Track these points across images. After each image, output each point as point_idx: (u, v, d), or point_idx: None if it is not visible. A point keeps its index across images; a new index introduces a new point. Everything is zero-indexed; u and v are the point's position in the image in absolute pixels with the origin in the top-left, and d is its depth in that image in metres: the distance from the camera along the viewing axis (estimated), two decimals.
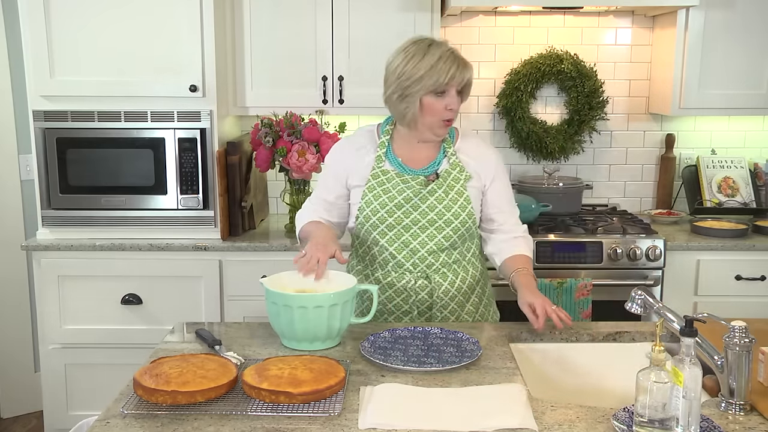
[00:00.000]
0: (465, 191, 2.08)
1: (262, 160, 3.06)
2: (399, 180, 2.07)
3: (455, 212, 2.06)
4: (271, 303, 1.80)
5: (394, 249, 2.06)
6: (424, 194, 2.05)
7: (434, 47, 2.01)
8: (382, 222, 2.06)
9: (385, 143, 2.11)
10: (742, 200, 3.41)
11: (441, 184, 2.07)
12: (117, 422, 1.44)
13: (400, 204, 2.05)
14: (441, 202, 2.06)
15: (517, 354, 1.83)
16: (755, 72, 3.21)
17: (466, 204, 2.07)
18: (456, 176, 2.08)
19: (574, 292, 2.90)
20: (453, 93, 2.01)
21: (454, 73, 1.98)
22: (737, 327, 1.48)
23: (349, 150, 2.16)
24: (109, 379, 2.84)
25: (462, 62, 2.01)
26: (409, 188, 2.06)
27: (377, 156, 2.10)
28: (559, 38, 3.49)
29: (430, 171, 2.09)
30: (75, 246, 2.94)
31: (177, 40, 2.89)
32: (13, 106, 3.46)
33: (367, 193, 2.08)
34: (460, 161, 2.11)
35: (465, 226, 2.08)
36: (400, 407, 1.48)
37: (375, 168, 2.10)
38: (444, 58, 1.99)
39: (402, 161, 2.10)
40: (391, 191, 2.06)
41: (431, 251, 2.06)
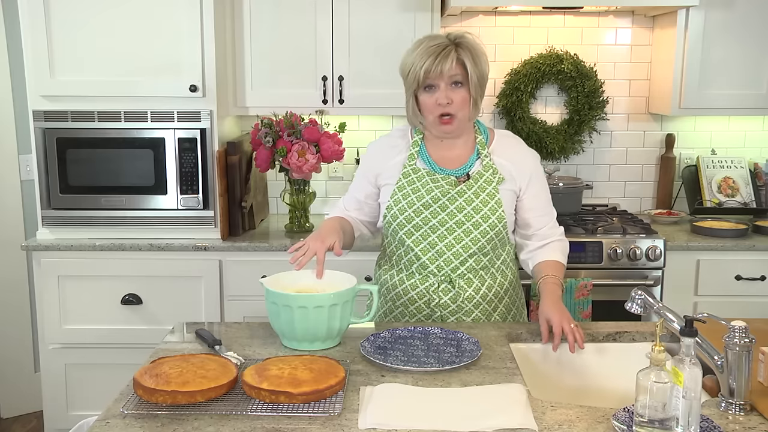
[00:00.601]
0: (497, 194, 2.02)
1: (262, 160, 3.06)
2: (429, 179, 2.03)
3: (484, 215, 2.00)
4: (271, 303, 1.80)
5: (420, 250, 2.03)
6: (453, 195, 2.01)
7: (425, 41, 1.96)
8: (408, 221, 2.03)
9: (419, 142, 2.09)
10: (742, 200, 3.41)
11: (471, 185, 2.02)
12: (117, 422, 1.44)
13: (427, 204, 2.01)
14: (470, 203, 2.01)
15: (517, 354, 1.83)
16: (755, 72, 3.21)
17: (497, 207, 2.01)
18: (488, 178, 2.03)
19: (574, 292, 2.90)
20: (442, 86, 1.94)
21: (429, 66, 1.91)
22: (737, 327, 1.48)
23: (381, 149, 2.14)
24: (109, 379, 2.84)
25: (443, 53, 1.91)
26: (438, 188, 2.01)
27: (410, 154, 2.07)
28: (559, 38, 3.49)
29: (461, 172, 2.05)
30: (75, 246, 2.94)
31: (177, 40, 2.89)
32: (13, 106, 3.46)
33: (397, 192, 2.05)
34: (494, 163, 2.05)
35: (494, 229, 2.02)
36: (400, 407, 1.48)
37: (407, 166, 2.06)
38: (422, 51, 1.93)
39: (435, 160, 2.06)
40: (420, 190, 2.02)
41: (458, 254, 2.02)
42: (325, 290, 1.83)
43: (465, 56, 1.94)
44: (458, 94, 1.96)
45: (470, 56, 1.94)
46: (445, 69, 1.92)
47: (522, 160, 2.09)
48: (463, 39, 1.96)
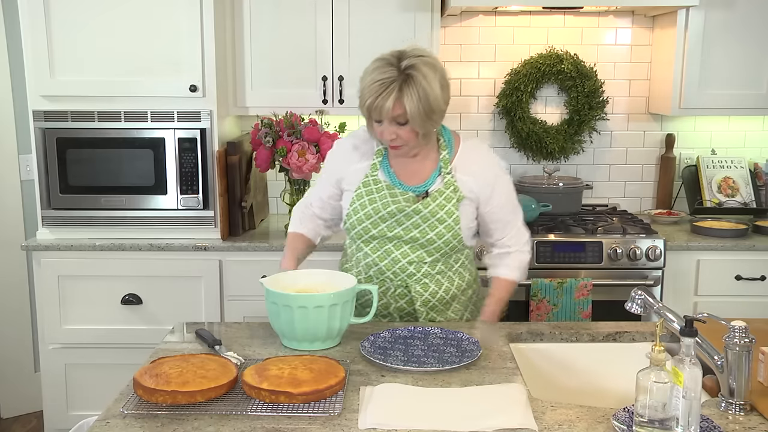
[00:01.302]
0: (455, 211, 2.01)
1: (262, 160, 3.06)
2: (388, 192, 2.02)
3: (439, 232, 2.00)
4: (271, 303, 1.80)
5: (377, 257, 2.05)
6: (409, 212, 2.00)
7: (375, 71, 1.89)
8: (366, 232, 2.04)
9: (383, 152, 2.07)
10: (742, 200, 3.41)
11: (429, 203, 2.00)
12: (117, 422, 1.44)
13: (384, 217, 2.01)
14: (426, 221, 2.00)
15: (517, 354, 1.83)
16: (755, 72, 3.21)
17: (453, 225, 2.01)
18: (449, 195, 2.02)
19: (574, 292, 2.90)
20: (386, 123, 1.90)
21: (370, 104, 1.87)
22: (737, 327, 1.48)
23: (346, 151, 2.13)
24: (109, 379, 2.84)
25: (385, 93, 1.85)
26: (395, 203, 2.00)
27: (372, 164, 2.06)
28: (559, 38, 3.49)
29: (421, 189, 2.03)
30: (75, 246, 2.94)
31: (177, 40, 2.89)
32: (13, 106, 3.46)
33: (355, 201, 2.05)
34: (455, 180, 2.03)
35: (449, 245, 2.03)
36: (400, 407, 1.48)
37: (368, 176, 2.06)
38: (368, 83, 1.88)
39: (396, 173, 2.05)
40: (377, 203, 2.02)
41: (412, 262, 2.03)
42: (325, 290, 1.84)
43: (408, 95, 1.85)
44: (402, 130, 1.91)
45: (415, 94, 1.85)
46: (385, 110, 1.87)
47: (483, 173, 2.06)
48: (412, 70, 1.86)
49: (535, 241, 2.96)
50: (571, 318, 2.90)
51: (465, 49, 3.50)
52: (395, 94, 1.86)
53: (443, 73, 1.95)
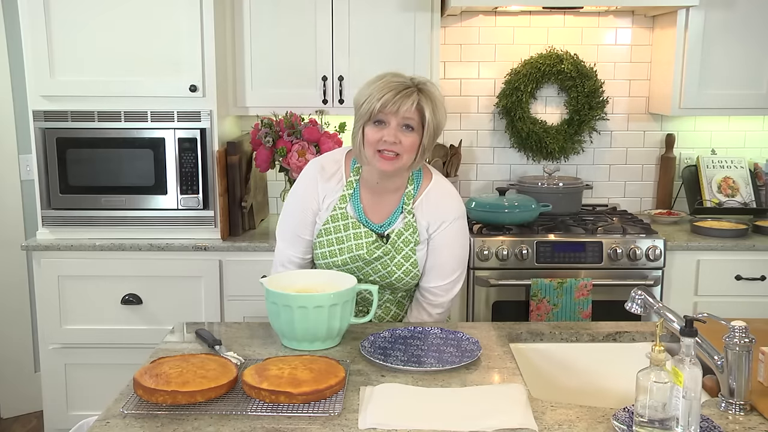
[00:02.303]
0: (413, 255, 2.02)
1: (262, 160, 3.06)
2: (353, 233, 2.01)
3: (398, 277, 2.04)
4: (271, 303, 1.80)
5: None
6: (369, 260, 2.02)
7: (387, 75, 1.90)
8: (329, 267, 2.05)
9: (353, 184, 2.04)
10: (742, 200, 3.41)
11: (389, 250, 2.01)
12: (117, 422, 1.44)
13: (345, 261, 2.03)
14: (385, 267, 2.03)
15: (517, 354, 1.83)
16: (755, 72, 3.21)
17: (411, 268, 2.04)
18: (407, 238, 2.01)
19: (574, 292, 2.90)
20: (393, 125, 1.89)
21: (387, 99, 1.85)
22: (737, 327, 1.48)
23: (319, 183, 2.06)
24: (109, 379, 2.84)
25: (405, 92, 1.85)
26: (359, 248, 2.01)
27: (342, 196, 2.03)
28: (559, 38, 3.49)
29: (383, 229, 2.03)
30: (75, 246, 2.94)
31: (177, 40, 2.89)
32: (13, 106, 3.46)
33: (323, 235, 2.04)
34: (415, 221, 2.01)
35: (407, 287, 2.09)
36: (400, 407, 1.48)
37: (336, 209, 2.03)
38: (383, 84, 1.88)
39: (364, 209, 2.04)
40: (344, 243, 2.02)
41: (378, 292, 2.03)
42: (325, 290, 1.84)
43: (426, 103, 1.88)
44: (408, 137, 1.90)
45: (431, 105, 1.89)
46: (403, 109, 1.86)
47: (439, 213, 2.02)
48: (425, 86, 1.91)
49: (535, 241, 2.96)
50: (571, 318, 2.91)
51: (465, 49, 3.50)
52: (415, 96, 1.87)
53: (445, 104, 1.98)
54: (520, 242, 2.95)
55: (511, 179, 3.58)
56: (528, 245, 2.95)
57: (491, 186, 3.56)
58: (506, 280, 2.94)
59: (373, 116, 1.90)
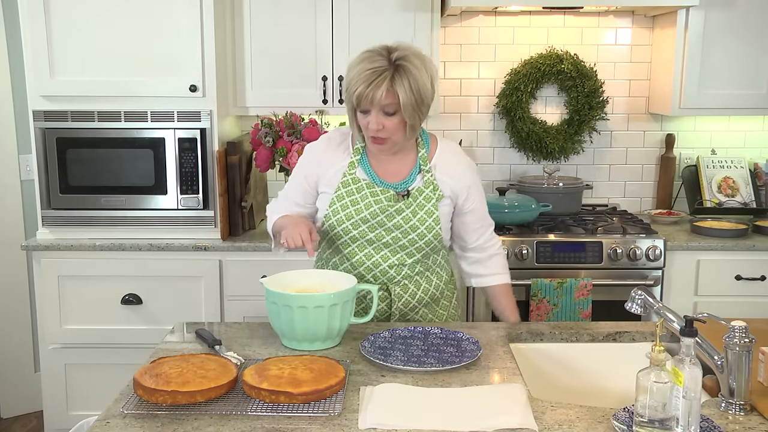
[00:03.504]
0: (435, 211, 2.01)
1: (262, 160, 3.06)
2: (368, 192, 2.00)
3: (421, 233, 2.00)
4: (271, 303, 1.80)
5: (356, 261, 2.03)
6: (391, 212, 1.99)
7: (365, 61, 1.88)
8: (346, 233, 2.01)
9: (360, 150, 2.04)
10: (742, 200, 3.41)
11: (410, 203, 1.99)
12: (117, 422, 1.44)
13: (365, 218, 1.99)
14: (408, 221, 1.99)
15: (517, 354, 1.83)
16: (755, 72, 3.21)
17: (434, 225, 2.00)
18: (428, 195, 2.01)
19: (574, 292, 2.90)
20: (374, 113, 1.88)
21: (360, 92, 1.85)
22: (737, 327, 1.48)
23: (322, 152, 2.08)
24: (109, 379, 2.84)
25: (376, 82, 1.84)
26: (377, 203, 1.99)
27: (350, 162, 2.03)
28: (559, 38, 3.49)
29: (402, 187, 2.02)
30: (75, 246, 2.94)
31: (177, 40, 2.89)
32: (13, 106, 3.46)
33: (335, 202, 2.02)
34: (435, 179, 2.02)
35: (430, 245, 2.03)
36: (400, 407, 1.48)
37: (347, 175, 2.02)
38: (357, 73, 1.87)
39: (376, 171, 2.03)
40: (359, 203, 2.00)
41: (392, 265, 2.02)
42: (325, 290, 1.84)
43: (399, 84, 1.85)
44: (390, 121, 1.90)
45: (407, 82, 1.85)
46: (376, 98, 1.86)
47: (460, 174, 2.06)
48: (403, 61, 1.87)
49: (535, 241, 2.96)
50: (571, 318, 2.91)
51: (465, 49, 3.50)
52: (387, 83, 1.85)
53: (432, 67, 1.95)
54: (520, 242, 2.95)
55: (511, 179, 3.58)
56: (528, 245, 2.95)
57: (491, 186, 3.56)
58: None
59: (355, 106, 1.92)
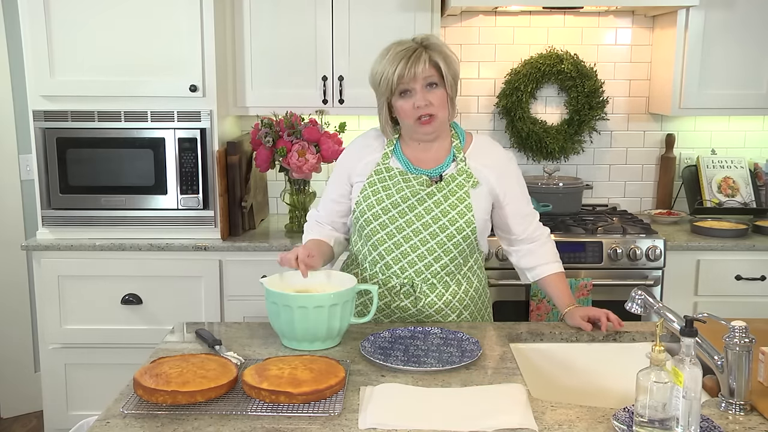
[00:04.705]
0: (467, 198, 1.99)
1: (262, 160, 3.06)
2: (401, 178, 2.01)
3: (452, 218, 1.97)
4: (271, 303, 1.80)
5: (384, 249, 2.01)
6: (423, 196, 1.98)
7: (392, 47, 1.94)
8: (375, 218, 2.00)
9: (394, 141, 2.07)
10: (742, 200, 3.41)
11: (442, 187, 1.99)
12: (117, 422, 1.44)
13: (396, 203, 1.99)
14: (439, 206, 1.98)
15: (517, 354, 1.83)
16: (755, 72, 3.21)
17: (466, 211, 1.98)
18: (461, 182, 2.00)
19: (574, 292, 2.89)
20: (418, 89, 1.92)
21: (401, 71, 1.89)
22: (737, 327, 1.48)
23: (356, 148, 2.13)
24: (109, 379, 2.84)
25: (414, 56, 1.89)
26: (409, 188, 1.99)
27: (384, 153, 2.06)
28: (559, 38, 3.49)
29: (436, 173, 2.03)
30: (75, 246, 2.94)
31: (177, 40, 2.89)
32: (13, 106, 3.46)
33: (367, 188, 2.03)
34: (469, 167, 2.03)
35: (461, 233, 1.98)
36: (400, 407, 1.48)
37: (380, 164, 2.05)
38: (391, 57, 1.92)
39: (410, 160, 2.05)
40: (391, 188, 2.00)
41: (422, 257, 1.99)
42: (325, 290, 1.84)
43: (437, 57, 1.93)
44: (435, 95, 1.94)
45: (442, 57, 1.94)
46: (419, 71, 1.90)
47: (499, 165, 2.06)
48: (429, 41, 1.95)
49: None
50: None
51: (465, 49, 3.50)
52: (425, 55, 1.91)
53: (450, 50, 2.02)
54: None
55: None
56: None
57: None
58: (506, 280, 2.94)
59: (395, 89, 1.93)
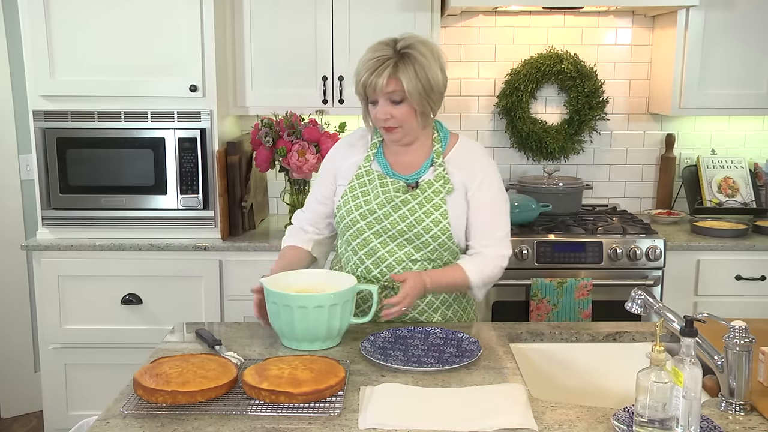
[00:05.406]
0: (443, 205, 1.97)
1: (262, 160, 3.06)
2: (379, 183, 2.01)
3: (426, 226, 1.96)
4: (271, 303, 1.80)
5: (363, 254, 2.01)
6: (397, 203, 1.97)
7: (370, 51, 1.92)
8: (354, 223, 2.00)
9: (377, 144, 2.07)
10: (742, 200, 3.41)
11: (417, 195, 1.98)
12: (117, 422, 1.44)
13: (373, 209, 1.99)
14: (413, 213, 1.96)
15: (517, 354, 1.83)
16: (755, 72, 3.21)
17: (441, 218, 1.96)
18: (437, 188, 1.98)
19: (574, 292, 2.90)
20: (381, 102, 1.91)
21: (365, 81, 1.89)
22: (737, 327, 1.48)
23: (341, 149, 2.14)
24: (109, 379, 2.84)
25: (379, 70, 1.87)
26: (385, 194, 1.99)
27: (366, 156, 2.06)
28: (559, 38, 3.49)
29: (413, 179, 2.02)
30: (75, 246, 2.94)
31: (177, 40, 2.89)
32: (13, 106, 3.46)
33: (347, 193, 2.03)
34: (447, 173, 2.01)
35: (437, 240, 1.97)
36: (400, 407, 1.48)
37: (361, 167, 2.05)
38: (363, 62, 1.91)
39: (390, 163, 2.04)
40: (369, 194, 2.00)
41: (400, 261, 1.98)
42: (325, 290, 1.84)
43: (403, 71, 1.87)
44: (398, 109, 1.92)
45: (412, 70, 1.87)
46: (379, 87, 1.88)
47: (474, 166, 2.02)
48: (408, 49, 1.89)
49: (535, 241, 2.96)
50: (571, 318, 2.91)
51: (465, 49, 3.50)
52: (390, 70, 1.88)
53: (441, 56, 1.96)
54: (520, 242, 2.95)
55: (511, 179, 3.58)
56: (528, 245, 2.95)
57: None
58: (506, 280, 2.93)
59: (363, 97, 1.95)
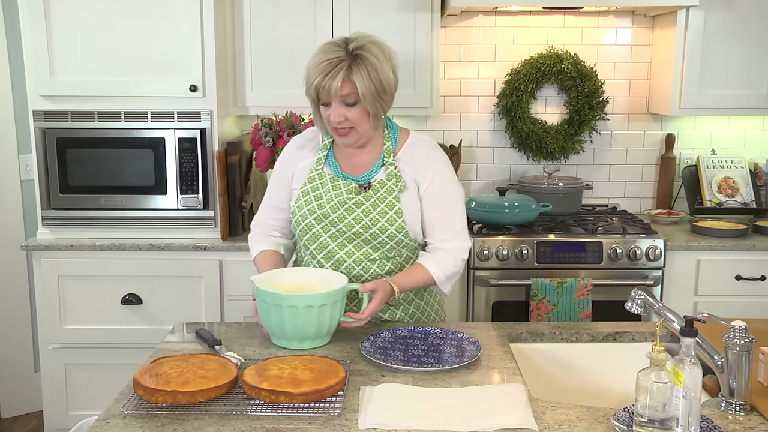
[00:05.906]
0: (397, 203, 1.96)
1: (262, 160, 3.06)
2: (332, 186, 1.98)
3: (382, 226, 1.95)
4: (261, 301, 1.80)
5: (322, 257, 2.00)
6: (351, 205, 1.96)
7: (321, 53, 1.89)
8: (309, 228, 1.99)
9: (328, 146, 2.04)
10: (742, 200, 3.41)
11: (370, 196, 1.96)
12: (117, 422, 1.44)
13: (327, 213, 1.97)
14: (367, 215, 1.95)
15: (517, 354, 1.83)
16: (755, 72, 3.21)
17: (395, 217, 1.95)
18: (390, 187, 1.97)
19: (574, 292, 2.90)
20: (335, 105, 1.88)
21: (318, 84, 1.85)
22: (737, 327, 1.48)
23: (292, 150, 2.10)
24: (109, 379, 2.84)
25: (332, 72, 1.84)
26: (338, 196, 1.97)
27: (318, 158, 2.04)
28: (559, 38, 3.49)
29: (364, 180, 1.99)
30: (75, 246, 2.94)
31: (177, 40, 2.89)
32: (13, 106, 3.46)
33: (301, 197, 2.01)
34: (398, 170, 1.98)
35: (393, 239, 1.96)
36: (400, 407, 1.48)
37: (313, 170, 2.02)
38: (314, 65, 1.88)
39: (340, 166, 2.02)
40: (322, 198, 1.98)
41: (359, 261, 1.97)
42: (315, 289, 1.83)
43: (357, 74, 1.85)
44: (351, 112, 1.89)
45: (365, 72, 1.85)
46: (333, 90, 1.85)
47: (423, 161, 2.00)
48: (361, 50, 1.87)
49: (535, 241, 2.96)
50: (571, 318, 2.91)
51: (465, 49, 3.50)
52: (344, 73, 1.85)
53: (393, 56, 1.94)
54: (520, 242, 2.95)
55: (511, 179, 3.58)
56: (528, 245, 2.95)
57: (491, 186, 3.56)
58: (506, 280, 2.94)
59: (315, 100, 1.92)
